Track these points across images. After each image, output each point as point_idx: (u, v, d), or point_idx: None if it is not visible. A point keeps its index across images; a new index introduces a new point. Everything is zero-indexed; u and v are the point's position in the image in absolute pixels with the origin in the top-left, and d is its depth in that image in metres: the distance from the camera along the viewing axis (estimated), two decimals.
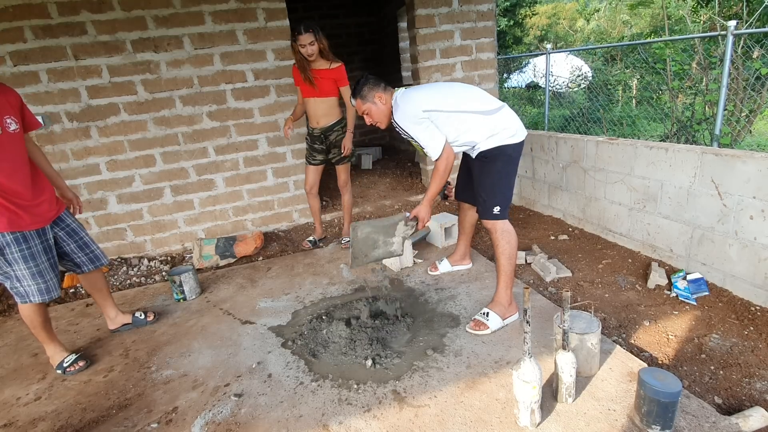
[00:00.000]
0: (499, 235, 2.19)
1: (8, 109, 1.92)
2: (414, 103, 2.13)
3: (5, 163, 1.87)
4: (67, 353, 2.25)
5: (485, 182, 2.21)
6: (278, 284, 2.97)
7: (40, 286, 2.04)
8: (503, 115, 2.19)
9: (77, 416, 1.91)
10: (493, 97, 2.26)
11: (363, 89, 2.24)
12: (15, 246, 1.93)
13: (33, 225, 1.99)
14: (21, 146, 1.96)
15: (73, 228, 2.20)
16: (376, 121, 2.30)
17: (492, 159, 2.17)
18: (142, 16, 3.25)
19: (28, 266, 1.99)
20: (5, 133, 1.87)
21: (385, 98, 2.24)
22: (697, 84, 4.79)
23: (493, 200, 2.18)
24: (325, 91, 3.03)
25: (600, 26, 12.50)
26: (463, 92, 2.23)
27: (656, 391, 1.44)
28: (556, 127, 6.09)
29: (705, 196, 2.44)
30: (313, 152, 3.24)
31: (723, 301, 2.33)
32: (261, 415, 1.79)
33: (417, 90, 2.22)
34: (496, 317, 2.17)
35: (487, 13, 4.07)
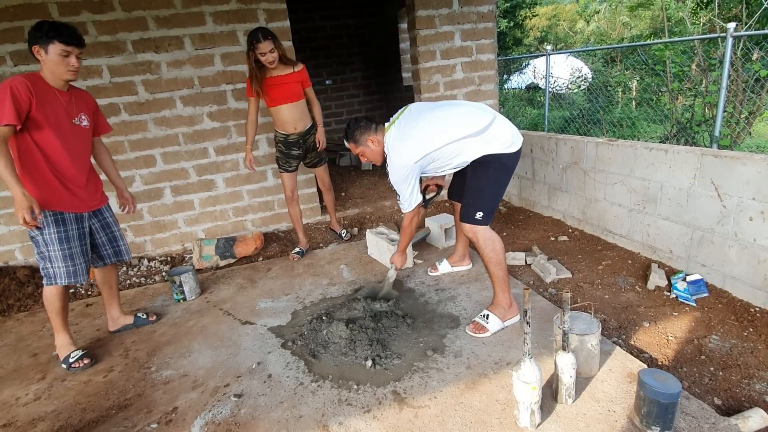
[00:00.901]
0: (483, 243, 2.17)
1: (84, 107, 2.22)
2: (405, 157, 2.16)
3: (70, 150, 2.13)
4: (74, 347, 2.30)
5: (474, 185, 2.20)
6: (278, 285, 2.97)
7: (69, 269, 2.16)
8: (495, 128, 2.15)
9: (77, 416, 1.91)
10: (484, 110, 2.21)
11: (355, 134, 2.30)
12: (54, 227, 2.10)
13: (73, 208, 2.17)
14: (87, 140, 2.25)
15: (108, 222, 2.38)
16: (371, 161, 2.39)
17: (486, 164, 2.17)
18: (143, 16, 3.26)
19: (62, 248, 2.13)
20: (77, 126, 2.17)
21: (377, 140, 2.29)
22: (696, 86, 4.80)
23: (478, 205, 2.17)
24: (296, 95, 3.00)
25: (600, 28, 12.52)
26: (452, 118, 2.19)
27: (656, 392, 1.44)
28: (556, 128, 6.10)
29: (705, 198, 2.44)
30: (288, 159, 3.17)
31: (723, 302, 2.34)
32: (261, 415, 1.79)
33: (405, 138, 2.18)
34: (495, 319, 2.18)
35: (488, 14, 4.08)
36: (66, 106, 2.10)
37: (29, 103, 1.94)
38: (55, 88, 2.07)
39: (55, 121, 2.05)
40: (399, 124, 2.25)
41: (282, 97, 2.97)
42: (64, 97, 2.11)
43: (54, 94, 2.06)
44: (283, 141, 3.13)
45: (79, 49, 2.04)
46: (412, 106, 2.32)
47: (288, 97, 2.97)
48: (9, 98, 1.88)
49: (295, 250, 3.45)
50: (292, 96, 2.98)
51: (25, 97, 1.93)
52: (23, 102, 1.92)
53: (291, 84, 2.96)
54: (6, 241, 3.37)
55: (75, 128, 2.15)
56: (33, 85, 1.96)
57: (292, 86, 2.96)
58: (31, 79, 1.98)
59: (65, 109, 2.10)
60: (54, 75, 2.04)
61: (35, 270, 3.38)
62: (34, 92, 1.95)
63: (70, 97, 2.14)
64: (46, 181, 2.08)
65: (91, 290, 3.22)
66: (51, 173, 2.08)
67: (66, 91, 2.13)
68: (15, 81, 1.92)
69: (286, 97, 2.97)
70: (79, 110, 2.18)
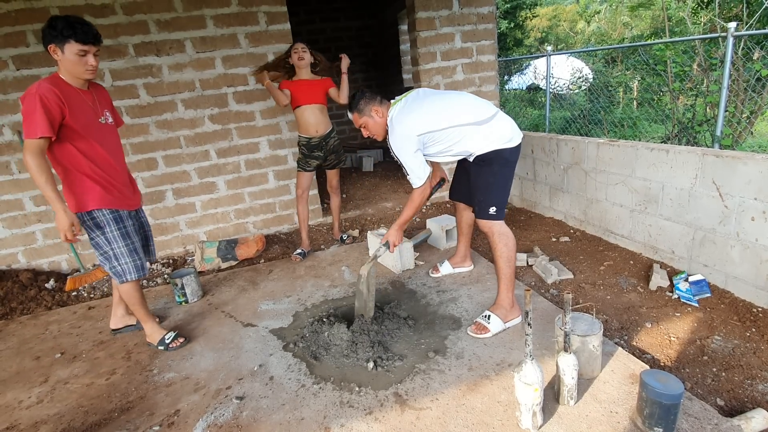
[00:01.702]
0: (497, 238, 2.18)
1: (105, 104, 2.17)
2: (408, 127, 2.15)
3: (111, 147, 2.14)
4: (165, 331, 2.38)
5: (481, 183, 2.23)
6: (280, 287, 2.97)
7: (136, 263, 2.20)
8: (497, 122, 2.19)
9: (79, 419, 1.92)
10: (488, 104, 2.26)
11: (359, 103, 2.28)
12: (114, 225, 2.12)
13: (124, 205, 2.20)
14: (117, 137, 2.24)
15: (143, 221, 2.40)
16: (373, 134, 2.34)
17: (489, 162, 2.20)
18: (144, 20, 3.27)
19: (126, 243, 2.16)
20: (105, 124, 2.13)
21: (382, 111, 2.27)
22: (698, 85, 4.79)
23: (490, 200, 2.19)
24: (319, 98, 3.16)
25: (600, 28, 12.51)
26: (457, 104, 2.23)
27: (658, 393, 1.44)
28: (557, 128, 6.10)
29: (706, 198, 2.44)
30: (308, 160, 3.29)
31: (725, 302, 2.33)
32: (262, 417, 1.79)
33: (411, 111, 2.20)
34: (497, 320, 2.17)
35: (488, 15, 4.09)
36: (92, 105, 2.06)
37: (61, 111, 1.88)
38: (78, 89, 2.01)
39: (87, 123, 2.01)
40: (404, 101, 2.28)
41: (305, 98, 3.13)
42: (87, 96, 2.05)
43: (79, 96, 2.00)
44: (306, 144, 3.25)
45: (96, 47, 1.95)
46: (419, 90, 2.34)
47: (311, 99, 3.14)
48: (40, 109, 1.81)
49: (297, 251, 3.46)
50: (315, 98, 3.16)
51: (56, 106, 1.86)
52: (55, 112, 1.86)
53: (315, 87, 3.16)
54: (9, 244, 3.38)
55: (104, 127, 2.11)
56: (61, 91, 1.90)
57: (316, 89, 3.17)
58: (56, 84, 1.91)
59: (92, 109, 2.06)
60: (72, 75, 1.97)
61: (38, 273, 3.39)
62: (64, 99, 1.89)
63: (93, 95, 2.09)
64: (97, 182, 2.07)
65: (93, 293, 3.23)
66: (99, 175, 2.07)
67: (87, 90, 2.07)
68: (42, 89, 1.84)
69: (310, 98, 3.13)
70: (102, 108, 2.13)
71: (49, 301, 3.12)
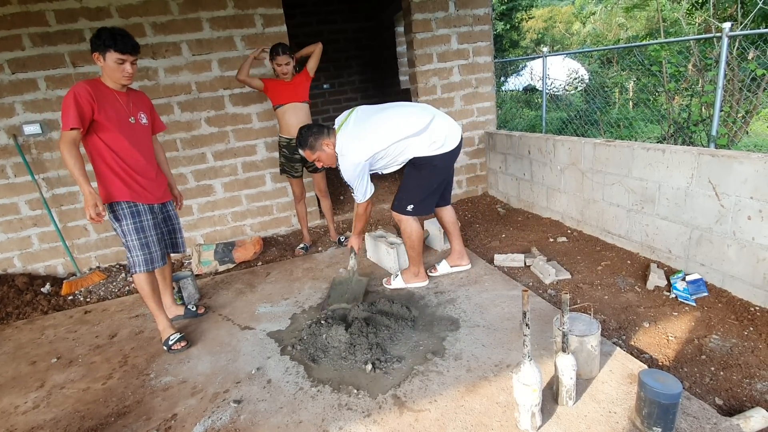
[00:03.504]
0: (404, 228, 2.62)
1: (142, 107, 2.38)
2: (355, 155, 2.36)
3: (141, 145, 2.31)
4: (173, 330, 2.42)
5: (408, 183, 2.58)
6: (277, 289, 2.96)
7: (146, 257, 2.30)
8: (433, 129, 2.43)
9: (76, 424, 1.90)
10: (425, 110, 2.49)
11: (309, 140, 2.42)
12: (130, 218, 2.26)
13: (147, 200, 2.33)
14: (148, 136, 2.41)
15: (170, 214, 2.54)
16: (326, 165, 2.55)
17: (419, 166, 2.50)
18: (140, 23, 3.27)
19: (138, 237, 2.27)
20: (138, 123, 2.32)
21: (331, 143, 2.44)
22: (693, 85, 4.81)
23: (410, 199, 2.56)
24: (300, 96, 3.18)
25: (596, 29, 12.57)
26: (395, 120, 2.43)
27: (656, 393, 1.44)
28: (554, 129, 6.11)
29: (702, 197, 2.44)
30: (292, 164, 3.31)
31: (722, 301, 2.33)
32: (260, 421, 1.78)
33: (355, 138, 2.38)
34: (400, 280, 2.78)
35: (484, 17, 4.10)
36: (125, 106, 2.26)
37: (91, 108, 2.09)
38: (114, 90, 2.23)
39: (117, 121, 2.20)
40: (347, 126, 2.44)
41: (286, 96, 3.13)
42: (122, 98, 2.26)
43: (114, 96, 2.21)
44: (286, 145, 3.25)
45: (133, 56, 2.17)
46: (359, 109, 2.52)
47: (292, 97, 3.14)
48: (73, 105, 2.03)
49: (300, 245, 3.57)
50: (297, 96, 3.16)
51: (87, 103, 2.07)
52: (86, 108, 2.07)
53: (296, 86, 3.16)
54: (4, 248, 3.37)
55: (135, 126, 2.29)
56: (94, 91, 2.11)
57: (297, 86, 3.16)
58: (92, 84, 2.14)
59: (125, 109, 2.25)
60: (112, 79, 2.19)
61: (34, 277, 3.37)
62: (95, 97, 2.10)
63: (128, 97, 2.29)
64: (118, 175, 2.23)
65: (90, 297, 3.21)
66: (121, 168, 2.23)
67: (124, 92, 2.28)
68: (78, 88, 2.07)
69: (290, 96, 3.13)
70: (137, 109, 2.33)
71: (45, 305, 3.10)
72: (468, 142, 4.37)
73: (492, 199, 4.45)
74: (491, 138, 4.32)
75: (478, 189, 4.57)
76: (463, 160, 4.41)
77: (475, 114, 4.33)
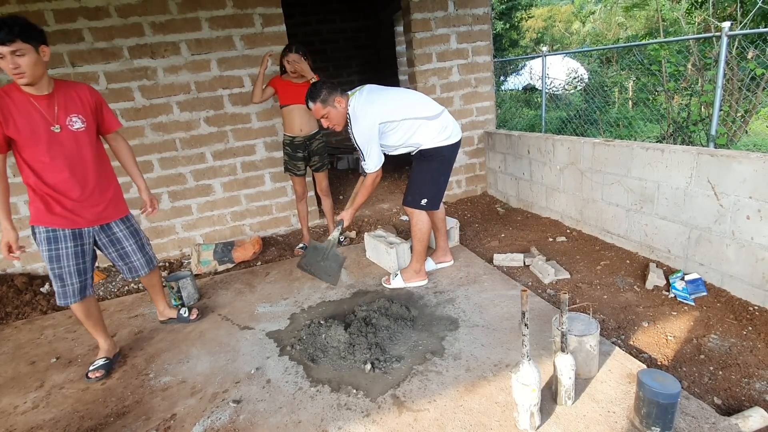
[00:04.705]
0: (416, 221, 2.63)
1: (77, 107, 1.96)
2: (371, 116, 2.34)
3: (58, 160, 1.92)
4: (101, 355, 2.26)
5: (420, 177, 2.59)
6: (277, 289, 2.96)
7: (60, 290, 2.07)
8: (443, 119, 2.50)
9: (75, 424, 1.90)
10: (435, 102, 2.56)
11: (322, 93, 2.36)
12: (45, 245, 2.00)
13: (72, 224, 2.01)
14: (83, 144, 1.99)
15: (117, 237, 2.19)
16: (334, 124, 2.44)
17: (429, 158, 2.53)
18: (139, 22, 3.26)
19: (52, 267, 2.03)
20: (67, 131, 1.93)
21: (343, 101, 2.40)
22: (692, 85, 4.81)
23: (423, 193, 2.57)
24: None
25: (595, 29, 12.57)
26: (411, 99, 2.48)
27: (655, 392, 1.44)
28: (553, 129, 6.11)
29: (701, 197, 2.45)
30: (295, 162, 3.30)
31: (721, 301, 2.34)
32: (259, 421, 1.78)
33: (372, 102, 2.38)
34: (400, 279, 2.75)
35: (483, 16, 4.09)
36: (45, 112, 1.87)
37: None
38: (31, 95, 1.84)
39: (31, 132, 1.85)
40: (361, 94, 2.43)
41: (293, 98, 3.14)
42: (42, 102, 1.86)
43: (28, 103, 1.84)
44: (290, 143, 3.26)
45: (7, 47, 1.68)
46: (370, 85, 2.52)
47: (299, 99, 3.13)
48: None
49: (299, 245, 3.58)
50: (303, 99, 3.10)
51: None
52: None
53: (304, 88, 3.12)
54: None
55: (60, 135, 1.91)
56: (3, 102, 1.80)
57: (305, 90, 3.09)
58: (4, 92, 1.81)
59: (43, 117, 1.87)
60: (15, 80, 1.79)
61: (33, 277, 3.37)
62: (4, 110, 1.79)
63: (51, 100, 1.88)
64: (38, 195, 1.95)
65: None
66: (39, 187, 1.94)
67: (45, 94, 1.87)
68: None
69: (297, 98, 3.13)
70: (67, 113, 1.92)
71: (44, 305, 3.10)
72: (467, 141, 4.37)
73: (491, 198, 4.45)
74: (490, 137, 4.32)
75: (477, 189, 4.57)
76: (463, 159, 4.41)
77: (474, 113, 4.33)
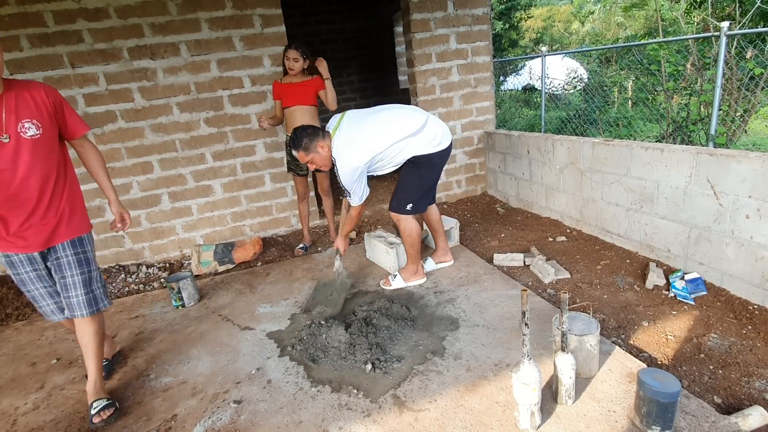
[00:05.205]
0: (404, 227, 2.63)
1: (31, 111, 1.70)
2: (354, 159, 2.34)
3: (5, 174, 1.66)
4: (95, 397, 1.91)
5: (407, 183, 2.58)
6: (277, 289, 2.96)
7: (41, 309, 1.94)
8: (429, 128, 2.46)
9: (76, 425, 1.90)
10: (418, 111, 2.52)
11: (303, 141, 2.38)
12: (10, 270, 1.84)
13: (15, 249, 1.77)
14: (45, 153, 1.73)
15: (61, 264, 1.86)
16: (320, 166, 2.49)
17: (417, 165, 2.52)
18: (138, 23, 3.26)
19: (26, 290, 1.89)
20: (18, 138, 1.66)
21: (326, 145, 2.42)
22: (692, 84, 4.82)
23: (409, 198, 2.58)
24: (308, 99, 3.20)
25: (595, 29, 12.58)
26: (391, 122, 2.43)
27: (655, 391, 1.44)
28: (553, 129, 6.12)
29: (701, 196, 2.45)
30: (298, 162, 3.31)
31: (721, 300, 2.34)
32: (260, 421, 1.78)
33: (353, 141, 2.36)
34: (400, 279, 2.77)
35: (482, 16, 4.10)
36: None
37: None
38: None
39: None
40: (342, 130, 2.42)
41: (294, 99, 3.18)
42: None
43: None
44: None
45: None
46: (349, 113, 2.52)
47: (299, 100, 3.18)
48: None
49: (299, 245, 3.60)
50: (304, 100, 3.20)
51: None
52: None
53: (305, 89, 3.20)
54: None
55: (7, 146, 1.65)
56: None
57: (305, 91, 3.20)
58: None
59: None
60: None
61: None
62: None
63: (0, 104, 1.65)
64: None
65: None
66: None
67: None
68: None
69: (298, 99, 3.18)
70: (18, 118, 1.68)
71: None
72: (467, 141, 4.38)
73: (491, 198, 4.45)
74: (490, 137, 4.33)
75: (477, 189, 4.57)
76: (462, 159, 4.42)
77: (474, 114, 4.33)
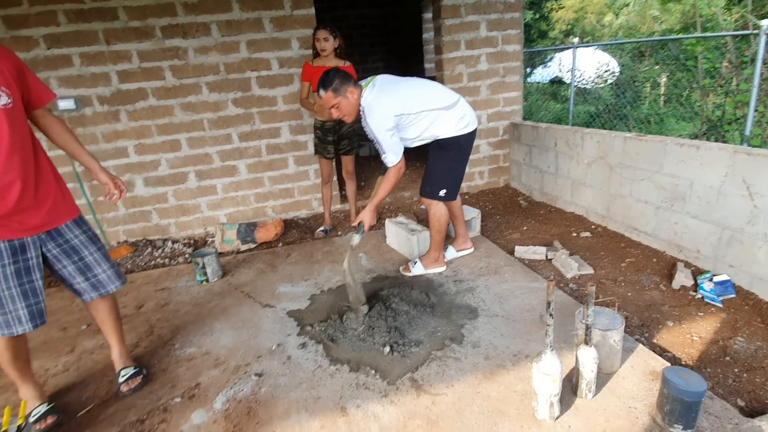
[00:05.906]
0: (434, 212, 2.61)
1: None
2: (386, 107, 2.26)
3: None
4: (39, 402, 1.77)
5: (438, 167, 2.56)
6: (297, 270, 3.00)
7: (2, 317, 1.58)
8: (460, 107, 2.45)
9: (104, 388, 1.98)
10: (451, 91, 2.49)
11: (334, 81, 2.28)
12: None
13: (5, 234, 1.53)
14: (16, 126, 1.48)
15: (73, 245, 1.70)
16: (344, 114, 2.35)
17: (447, 147, 2.50)
18: (171, 2, 3.30)
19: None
20: None
21: (356, 91, 2.32)
22: (727, 83, 4.63)
23: (442, 183, 2.55)
24: None
25: (629, 21, 12.17)
26: (426, 90, 2.42)
27: (680, 390, 1.42)
28: (580, 123, 5.98)
29: (735, 197, 2.37)
30: (325, 145, 3.35)
31: (749, 304, 2.28)
32: (280, 395, 1.82)
33: (387, 94, 2.30)
34: (420, 266, 2.76)
35: (515, 4, 4.01)
36: None
37: None
38: None
39: None
40: (374, 85, 2.34)
41: None
42: None
43: None
44: (320, 128, 3.33)
45: None
46: (381, 76, 2.42)
47: None
48: None
49: (320, 228, 3.64)
50: None
51: None
52: None
53: None
54: None
55: None
56: None
57: None
58: None
59: None
60: None
61: None
62: None
63: None
64: None
65: None
66: None
67: None
68: None
69: None
70: None
71: None
72: (492, 132, 4.32)
73: (514, 191, 4.40)
74: (516, 129, 4.26)
75: (500, 180, 4.52)
76: (486, 150, 4.36)
77: (501, 104, 4.27)
